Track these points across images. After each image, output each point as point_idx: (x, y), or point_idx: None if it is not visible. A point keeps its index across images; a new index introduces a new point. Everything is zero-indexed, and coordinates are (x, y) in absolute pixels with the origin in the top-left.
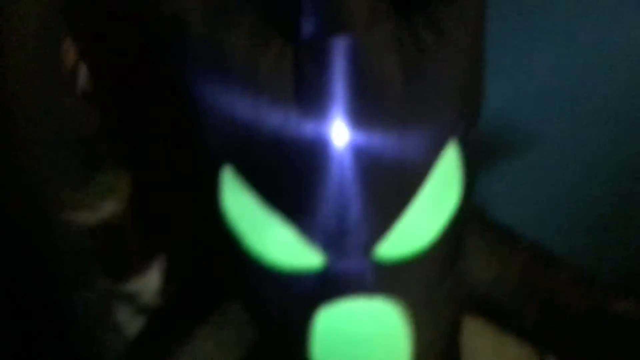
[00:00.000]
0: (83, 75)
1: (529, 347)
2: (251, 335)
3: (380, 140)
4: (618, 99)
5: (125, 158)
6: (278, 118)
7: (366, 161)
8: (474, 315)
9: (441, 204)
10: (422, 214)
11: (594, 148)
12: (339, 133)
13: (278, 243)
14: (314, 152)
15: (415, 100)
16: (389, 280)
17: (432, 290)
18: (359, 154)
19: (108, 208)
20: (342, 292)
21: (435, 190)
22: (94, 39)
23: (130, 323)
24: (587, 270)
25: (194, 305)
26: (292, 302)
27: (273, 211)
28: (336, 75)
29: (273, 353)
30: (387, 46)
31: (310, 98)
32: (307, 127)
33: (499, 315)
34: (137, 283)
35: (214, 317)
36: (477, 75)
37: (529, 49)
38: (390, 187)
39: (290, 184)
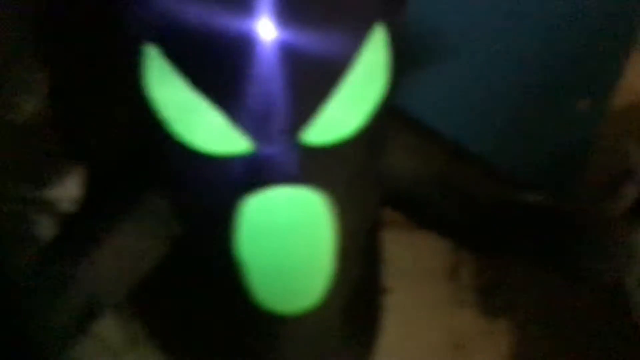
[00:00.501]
0: None
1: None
2: (174, 230)
3: (305, 24)
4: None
5: (44, 50)
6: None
7: (291, 46)
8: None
9: (367, 91)
10: (347, 100)
11: (510, 49)
12: (265, 20)
13: (206, 128)
14: (241, 37)
15: None
16: (314, 167)
17: (356, 180)
18: (285, 39)
19: (26, 107)
20: (268, 179)
21: (361, 76)
22: None
23: (49, 235)
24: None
25: (115, 199)
26: (218, 190)
27: (201, 95)
28: None
29: (197, 247)
30: None
31: None
32: (234, 11)
33: (418, 210)
34: (57, 190)
35: (136, 210)
36: None
37: None
38: (315, 72)
39: (217, 68)
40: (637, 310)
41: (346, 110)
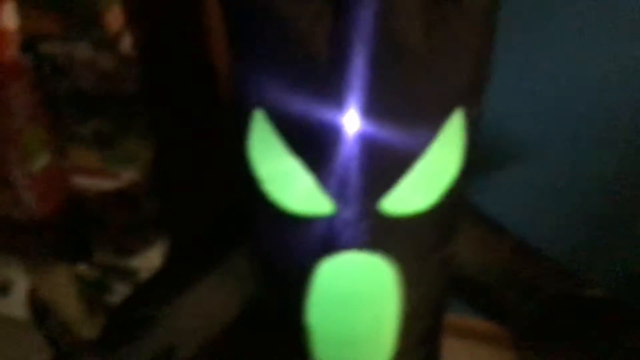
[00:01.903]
0: (127, 40)
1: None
2: (251, 290)
3: (387, 117)
4: (610, 109)
5: (153, 125)
6: (311, 71)
7: (380, 123)
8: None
9: (442, 169)
10: (422, 177)
11: (587, 156)
12: (352, 112)
13: (296, 188)
14: (337, 109)
15: (433, 68)
16: (387, 236)
17: (426, 256)
18: (367, 129)
19: (126, 176)
20: (344, 242)
21: (438, 156)
22: (141, 4)
23: None
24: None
25: (199, 257)
26: (298, 250)
27: (296, 158)
28: (364, 36)
29: (271, 308)
30: (414, 13)
31: (340, 55)
32: (335, 85)
33: (481, 298)
34: (140, 259)
35: (217, 269)
36: (488, 50)
37: (532, 58)
38: (394, 152)
39: (313, 139)
40: None
41: (420, 186)
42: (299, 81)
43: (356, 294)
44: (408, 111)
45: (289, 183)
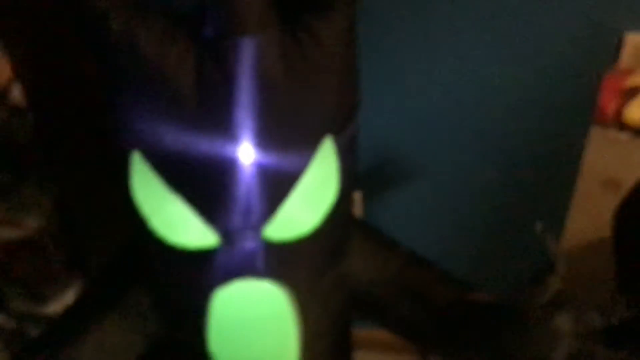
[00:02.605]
0: (17, 91)
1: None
2: (153, 326)
3: (264, 137)
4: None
5: (51, 171)
6: (180, 111)
7: (255, 155)
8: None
9: (320, 194)
10: (302, 201)
11: (471, 166)
12: (233, 131)
13: (179, 223)
14: (211, 145)
15: (296, 101)
16: (276, 263)
17: (317, 278)
18: (249, 149)
19: (31, 224)
20: (234, 272)
21: (314, 181)
22: (27, 56)
23: None
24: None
25: (100, 297)
26: (191, 283)
27: (174, 194)
28: (231, 73)
29: (172, 341)
30: (274, 51)
31: (209, 93)
32: (206, 122)
33: (378, 312)
34: (56, 304)
35: (119, 307)
36: (352, 79)
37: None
38: (274, 177)
39: (191, 173)
40: None
41: (301, 210)
42: (169, 121)
43: (253, 320)
44: (278, 141)
45: (172, 220)
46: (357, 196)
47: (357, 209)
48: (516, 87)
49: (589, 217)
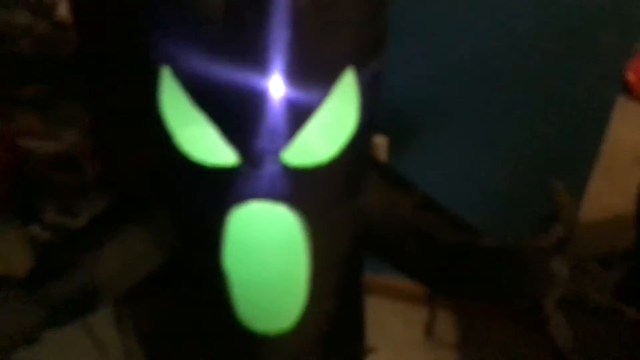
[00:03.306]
0: (63, 7)
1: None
2: (171, 240)
3: (289, 65)
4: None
5: (90, 87)
6: (207, 32)
7: (278, 79)
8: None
9: (339, 124)
10: (320, 130)
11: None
12: (258, 58)
13: (202, 140)
14: (236, 69)
15: (321, 31)
16: (292, 187)
17: (331, 207)
18: (274, 77)
19: (68, 138)
20: (251, 193)
21: (333, 111)
22: None
23: None
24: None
25: (125, 209)
26: (209, 200)
27: (200, 112)
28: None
29: (189, 257)
30: None
31: (236, 17)
32: (231, 46)
33: (388, 250)
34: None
35: (141, 218)
36: (377, 13)
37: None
38: (295, 104)
39: (216, 91)
40: (556, 331)
41: (319, 139)
42: (196, 40)
43: (266, 242)
44: (302, 69)
45: (196, 137)
46: (382, 141)
47: (382, 154)
48: (546, 49)
49: (614, 189)
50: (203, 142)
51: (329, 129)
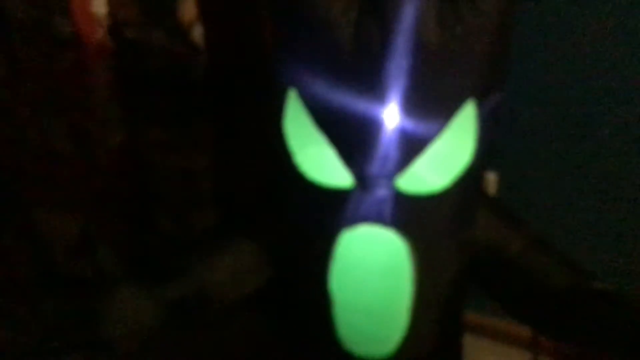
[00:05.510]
0: (198, 30)
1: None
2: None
3: (410, 96)
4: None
5: (216, 109)
6: (336, 58)
7: (399, 113)
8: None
9: (455, 155)
10: (437, 159)
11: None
12: (382, 87)
13: (321, 161)
14: (360, 96)
15: (446, 65)
16: (404, 214)
17: (439, 236)
18: (394, 107)
19: (194, 155)
20: (363, 216)
21: (451, 141)
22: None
23: None
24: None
25: (239, 223)
26: (321, 222)
27: (321, 134)
28: (388, 31)
29: (295, 276)
30: (431, 13)
31: (365, 47)
32: (357, 74)
33: (495, 287)
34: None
35: (253, 233)
36: (504, 48)
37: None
38: (412, 134)
39: (339, 114)
40: None
41: (433, 169)
42: (325, 66)
43: (372, 266)
44: (424, 99)
45: (315, 157)
46: (492, 177)
47: (491, 190)
48: None
49: None
50: (321, 162)
51: (444, 159)
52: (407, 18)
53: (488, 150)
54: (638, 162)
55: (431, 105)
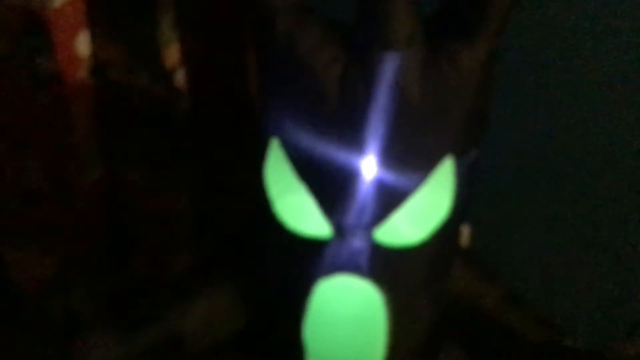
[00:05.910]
0: (180, 75)
1: None
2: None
3: (389, 151)
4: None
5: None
6: (321, 110)
7: (376, 167)
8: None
9: (432, 209)
10: (414, 212)
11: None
12: (362, 140)
13: (300, 210)
14: (340, 148)
15: (426, 121)
16: (381, 265)
17: (415, 288)
18: (372, 161)
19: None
20: (340, 266)
21: (428, 195)
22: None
23: None
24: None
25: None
26: (298, 270)
27: (301, 183)
28: (372, 85)
29: (269, 323)
30: (415, 70)
31: (349, 100)
32: (340, 126)
33: (464, 337)
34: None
35: (230, 279)
36: (483, 106)
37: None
38: (390, 187)
39: (319, 165)
40: None
41: (410, 222)
42: (309, 117)
43: (347, 316)
44: (403, 153)
45: (295, 206)
46: (465, 229)
47: (464, 242)
48: None
49: None
50: (300, 211)
51: (421, 213)
52: (391, 73)
53: (465, 205)
54: (614, 216)
55: (410, 159)
